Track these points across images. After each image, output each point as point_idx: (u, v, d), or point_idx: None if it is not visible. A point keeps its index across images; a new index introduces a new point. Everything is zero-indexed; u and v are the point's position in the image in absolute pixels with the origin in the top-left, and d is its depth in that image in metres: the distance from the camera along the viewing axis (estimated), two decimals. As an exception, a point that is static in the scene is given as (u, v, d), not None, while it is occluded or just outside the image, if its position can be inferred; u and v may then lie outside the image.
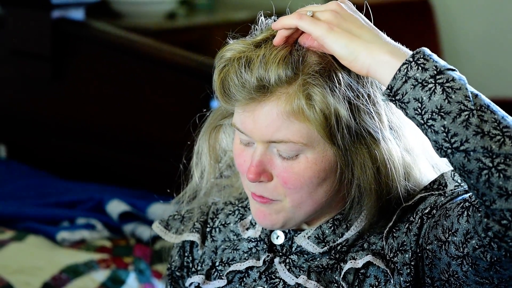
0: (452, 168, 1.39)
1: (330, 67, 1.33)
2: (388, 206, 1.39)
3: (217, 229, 1.54)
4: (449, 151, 1.22)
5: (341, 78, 1.33)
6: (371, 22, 1.35)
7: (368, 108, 1.35)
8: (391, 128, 1.38)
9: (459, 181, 1.40)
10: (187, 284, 1.53)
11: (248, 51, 1.34)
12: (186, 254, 1.57)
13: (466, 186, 1.36)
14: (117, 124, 3.04)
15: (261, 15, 1.41)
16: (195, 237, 1.54)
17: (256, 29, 1.40)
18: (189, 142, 1.55)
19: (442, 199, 1.37)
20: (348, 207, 1.40)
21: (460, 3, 4.45)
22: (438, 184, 1.40)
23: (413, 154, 1.41)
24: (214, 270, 1.51)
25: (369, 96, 1.35)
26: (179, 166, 1.63)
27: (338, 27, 1.30)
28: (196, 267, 1.54)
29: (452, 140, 1.21)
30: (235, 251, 1.50)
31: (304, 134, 1.34)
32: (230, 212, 1.55)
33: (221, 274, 1.49)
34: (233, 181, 1.56)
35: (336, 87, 1.32)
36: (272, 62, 1.32)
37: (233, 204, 1.56)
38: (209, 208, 1.57)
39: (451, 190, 1.39)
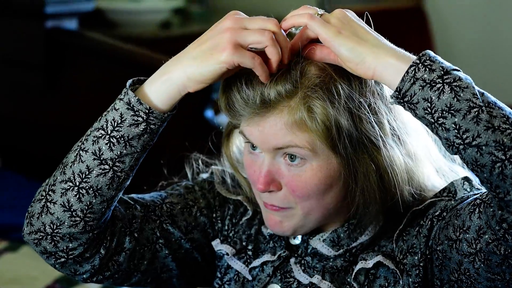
0: (460, 177, 1.45)
1: (329, 80, 1.35)
2: (394, 210, 1.42)
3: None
4: (461, 147, 1.25)
5: (340, 89, 1.35)
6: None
7: (369, 117, 1.37)
8: (393, 135, 1.40)
9: (468, 189, 1.43)
10: (216, 248, 1.53)
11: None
12: (230, 212, 1.56)
13: (475, 193, 1.40)
14: (111, 133, 3.03)
15: None
16: (249, 205, 1.54)
17: None
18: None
19: (452, 202, 1.40)
20: (354, 212, 1.42)
21: (453, 10, 4.47)
22: (448, 191, 1.44)
23: (415, 159, 1.43)
24: (244, 252, 1.53)
25: (369, 105, 1.38)
26: (173, 171, 1.63)
27: (345, 30, 1.32)
28: (228, 231, 1.55)
29: (464, 136, 1.24)
30: (267, 244, 1.52)
31: (308, 142, 1.36)
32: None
33: (248, 262, 1.51)
34: None
35: (335, 99, 1.34)
36: (272, 78, 1.34)
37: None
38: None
39: (461, 196, 1.42)
